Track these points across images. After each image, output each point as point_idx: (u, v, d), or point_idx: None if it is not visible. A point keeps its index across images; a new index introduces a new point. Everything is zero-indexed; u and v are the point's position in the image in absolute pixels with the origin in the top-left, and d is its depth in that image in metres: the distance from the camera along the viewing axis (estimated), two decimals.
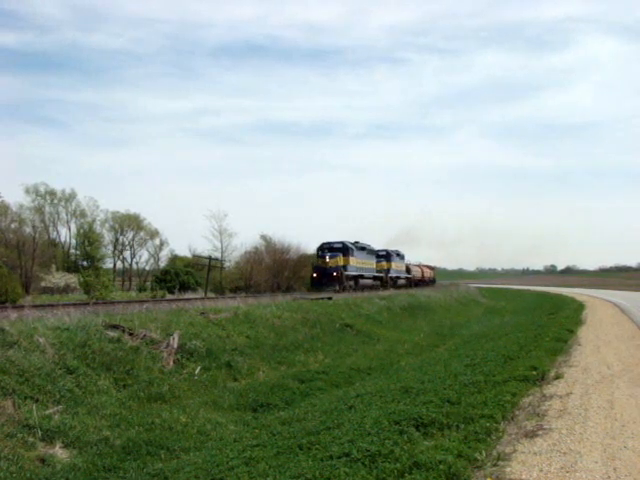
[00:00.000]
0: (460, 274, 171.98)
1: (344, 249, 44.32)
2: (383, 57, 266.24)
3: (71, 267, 60.12)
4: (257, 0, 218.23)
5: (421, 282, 72.12)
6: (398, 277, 59.44)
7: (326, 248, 43.62)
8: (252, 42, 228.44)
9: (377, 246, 56.38)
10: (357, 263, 46.60)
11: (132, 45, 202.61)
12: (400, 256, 61.77)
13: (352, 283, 45.09)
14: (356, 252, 46.43)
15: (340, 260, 43.20)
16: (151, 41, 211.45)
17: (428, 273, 78.63)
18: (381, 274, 54.21)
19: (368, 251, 51.42)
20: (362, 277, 47.57)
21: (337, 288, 40.98)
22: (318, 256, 43.85)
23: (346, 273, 43.12)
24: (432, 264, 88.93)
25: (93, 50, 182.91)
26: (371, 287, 49.67)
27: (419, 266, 75.27)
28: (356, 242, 50.62)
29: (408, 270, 64.60)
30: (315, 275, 42.49)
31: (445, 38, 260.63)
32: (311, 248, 53.52)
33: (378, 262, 54.12)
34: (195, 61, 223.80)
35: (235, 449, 9.14)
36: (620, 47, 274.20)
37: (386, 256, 56.30)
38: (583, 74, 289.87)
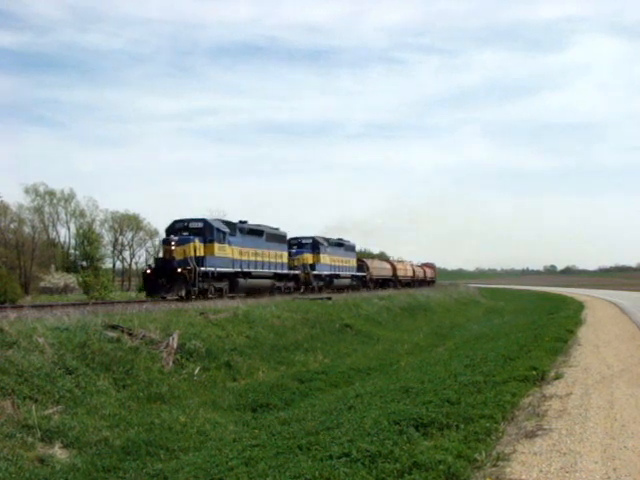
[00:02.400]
0: (460, 274, 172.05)
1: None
2: (382, 57, 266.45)
3: (70, 267, 60.14)
4: (255, 1, 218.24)
5: (414, 282, 67.30)
6: (334, 275, 43.66)
7: (179, 229, 27.47)
8: (250, 42, 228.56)
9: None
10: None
11: (130, 45, 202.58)
12: (345, 247, 47.70)
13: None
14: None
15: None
16: (149, 41, 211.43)
17: (420, 272, 72.60)
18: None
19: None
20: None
21: (180, 294, 25.30)
22: (163, 242, 28.09)
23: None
24: (432, 264, 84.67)
25: (91, 50, 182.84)
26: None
27: (409, 264, 69.71)
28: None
29: (360, 267, 51.09)
30: (148, 272, 26.36)
31: (444, 38, 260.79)
32: None
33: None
34: (193, 61, 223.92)
35: (234, 449, 9.12)
36: (619, 47, 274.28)
37: (313, 245, 40.84)
38: (582, 74, 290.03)
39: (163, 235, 29.51)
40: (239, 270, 30.03)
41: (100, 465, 9.30)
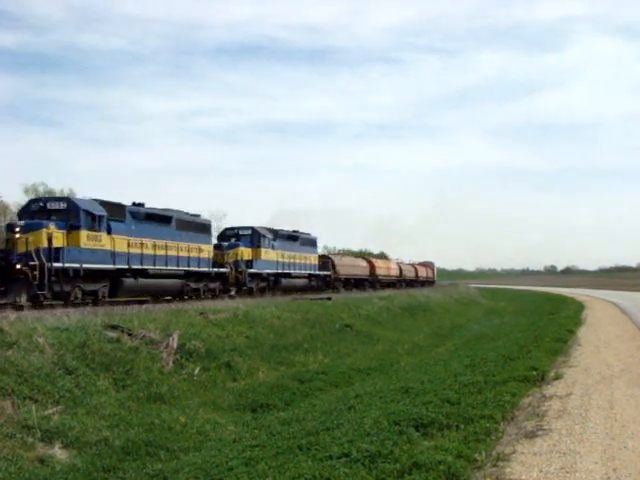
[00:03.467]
0: (460, 274, 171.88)
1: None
2: (382, 57, 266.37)
3: None
4: (255, 1, 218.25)
5: (400, 283, 60.93)
6: (283, 274, 36.50)
7: (36, 211, 21.18)
8: (250, 42, 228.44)
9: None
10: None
11: (130, 45, 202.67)
12: (301, 240, 40.25)
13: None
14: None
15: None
16: (149, 41, 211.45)
17: (410, 272, 66.95)
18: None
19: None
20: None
21: (20, 299, 18.67)
22: (6, 229, 22.08)
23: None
24: (430, 263, 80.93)
25: (90, 50, 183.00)
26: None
27: (394, 263, 63.94)
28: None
29: (325, 265, 43.92)
30: None
31: (444, 38, 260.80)
32: None
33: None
34: (193, 61, 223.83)
35: (234, 449, 9.12)
36: (619, 47, 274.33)
37: (252, 237, 33.50)
38: (582, 74, 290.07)
39: None
40: (125, 267, 22.86)
41: (100, 465, 9.29)
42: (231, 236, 33.48)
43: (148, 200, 25.72)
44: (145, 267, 24.02)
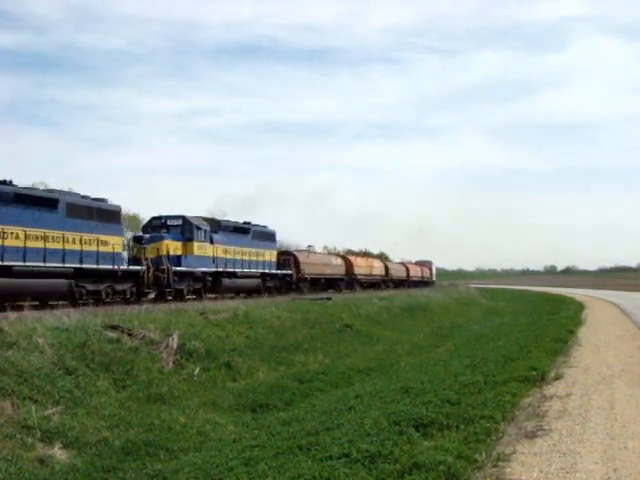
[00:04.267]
0: (460, 274, 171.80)
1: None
2: (382, 57, 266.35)
3: None
4: (255, 1, 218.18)
5: (386, 283, 56.15)
6: (226, 273, 29.95)
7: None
8: (250, 42, 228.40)
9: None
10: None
11: (130, 45, 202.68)
12: (253, 234, 33.68)
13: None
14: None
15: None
16: (149, 41, 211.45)
17: (400, 271, 62.59)
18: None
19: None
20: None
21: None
22: None
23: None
24: (427, 262, 78.42)
25: (90, 50, 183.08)
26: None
27: (379, 261, 58.88)
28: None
29: (286, 263, 37.59)
30: None
31: (444, 38, 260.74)
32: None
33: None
34: (193, 61, 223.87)
35: (234, 450, 9.12)
36: (619, 47, 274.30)
37: (183, 229, 27.53)
38: (582, 73, 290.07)
39: None
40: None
41: (100, 465, 9.29)
42: (158, 227, 27.27)
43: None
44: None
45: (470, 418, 8.29)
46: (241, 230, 32.91)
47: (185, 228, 27.48)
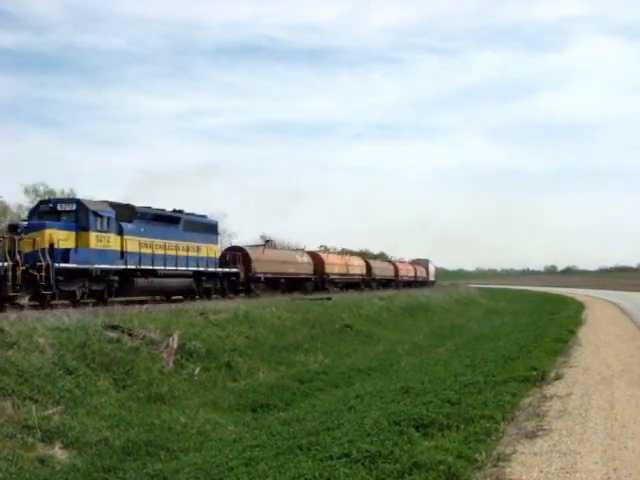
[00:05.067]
0: (460, 274, 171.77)
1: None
2: (382, 57, 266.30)
3: None
4: (255, 1, 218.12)
5: (367, 283, 51.07)
6: (142, 272, 24.14)
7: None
8: (250, 42, 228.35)
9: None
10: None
11: (130, 45, 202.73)
12: (185, 223, 27.66)
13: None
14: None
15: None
16: (149, 41, 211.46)
17: (387, 271, 57.91)
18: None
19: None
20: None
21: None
22: None
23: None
24: (424, 261, 75.49)
25: (90, 50, 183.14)
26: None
27: (359, 259, 53.12)
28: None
29: (232, 260, 31.43)
30: None
31: (444, 38, 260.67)
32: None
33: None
34: (193, 61, 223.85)
35: (235, 450, 9.12)
36: (619, 47, 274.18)
37: (77, 215, 21.85)
38: (582, 73, 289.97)
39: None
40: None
41: (100, 465, 9.29)
42: (46, 213, 21.92)
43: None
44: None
45: (470, 418, 8.29)
46: (167, 219, 26.76)
47: (80, 215, 21.71)
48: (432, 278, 77.51)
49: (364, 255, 63.62)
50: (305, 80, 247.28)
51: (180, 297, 27.32)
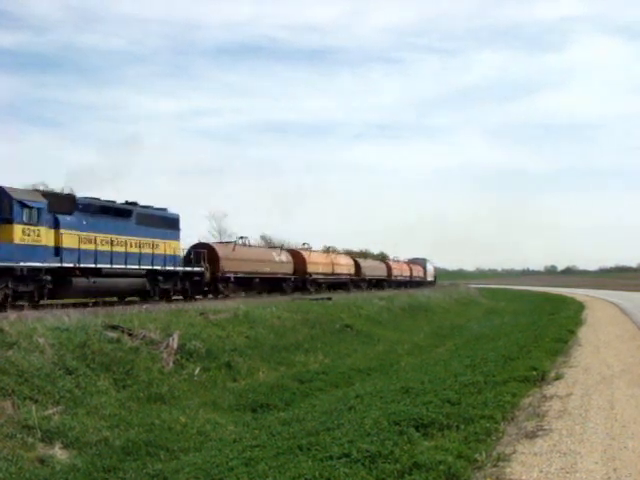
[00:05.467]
0: (460, 274, 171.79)
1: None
2: (382, 57, 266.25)
3: None
4: (255, 1, 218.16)
5: (357, 283, 48.44)
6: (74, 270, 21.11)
7: None
8: (250, 42, 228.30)
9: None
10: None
11: (130, 45, 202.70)
12: (138, 216, 24.71)
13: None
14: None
15: None
16: (148, 41, 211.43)
17: (379, 270, 55.25)
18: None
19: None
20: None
21: None
22: None
23: None
24: (421, 260, 73.48)
25: (90, 50, 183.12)
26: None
27: (345, 257, 50.04)
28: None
29: (196, 258, 28.76)
30: None
31: (444, 38, 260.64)
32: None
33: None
34: (193, 61, 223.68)
35: (235, 450, 9.13)
36: (618, 47, 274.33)
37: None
38: (582, 73, 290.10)
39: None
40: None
41: (100, 465, 9.30)
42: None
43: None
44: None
45: (470, 418, 8.30)
46: (115, 212, 23.77)
47: (2, 205, 19.26)
48: (430, 278, 76.02)
49: (351, 254, 58.94)
50: (305, 80, 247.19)
51: (135, 298, 25.05)
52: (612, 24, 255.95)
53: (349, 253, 56.55)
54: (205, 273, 28.95)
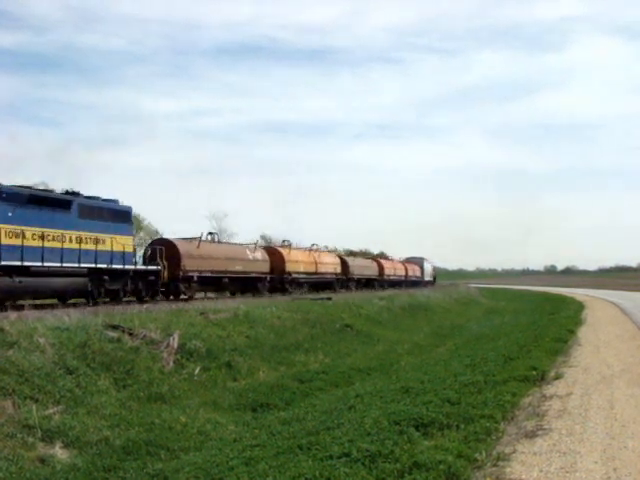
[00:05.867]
0: (460, 274, 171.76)
1: None
2: (382, 57, 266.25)
3: None
4: (255, 1, 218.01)
5: (344, 282, 45.20)
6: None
7: None
8: (250, 42, 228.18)
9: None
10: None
11: (130, 45, 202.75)
12: (81, 207, 21.61)
13: None
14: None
15: None
16: (148, 41, 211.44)
17: (369, 269, 52.21)
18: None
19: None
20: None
21: None
22: None
23: None
24: (418, 259, 71.48)
25: (90, 50, 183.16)
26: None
27: (333, 255, 47.18)
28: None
29: (151, 256, 26.12)
30: None
31: (443, 38, 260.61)
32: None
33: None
34: (193, 61, 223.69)
35: (235, 449, 9.14)
36: (618, 47, 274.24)
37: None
38: (582, 73, 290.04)
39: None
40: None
41: (100, 465, 9.31)
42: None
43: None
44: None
45: (470, 417, 8.31)
46: (50, 202, 20.75)
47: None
48: (428, 278, 74.14)
49: (341, 252, 57.39)
50: (305, 80, 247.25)
51: (83, 299, 22.27)
52: (612, 24, 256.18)
53: (333, 251, 53.61)
54: (162, 272, 25.70)
